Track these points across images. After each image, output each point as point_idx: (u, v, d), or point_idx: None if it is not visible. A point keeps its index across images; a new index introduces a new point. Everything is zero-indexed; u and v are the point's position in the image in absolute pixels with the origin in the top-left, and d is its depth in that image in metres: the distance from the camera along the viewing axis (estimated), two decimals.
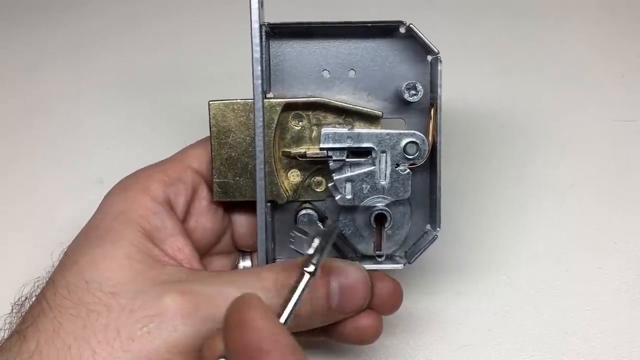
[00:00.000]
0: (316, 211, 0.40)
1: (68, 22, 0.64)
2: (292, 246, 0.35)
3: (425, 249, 0.39)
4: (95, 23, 0.64)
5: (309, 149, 0.40)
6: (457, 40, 0.59)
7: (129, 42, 0.62)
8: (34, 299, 0.36)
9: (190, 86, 0.59)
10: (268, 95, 0.39)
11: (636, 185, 0.52)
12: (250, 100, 0.38)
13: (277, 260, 0.41)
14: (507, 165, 0.54)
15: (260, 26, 0.37)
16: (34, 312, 0.34)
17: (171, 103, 0.58)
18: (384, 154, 0.39)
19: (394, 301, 0.39)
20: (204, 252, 0.41)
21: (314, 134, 0.40)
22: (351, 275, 0.37)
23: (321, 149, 0.39)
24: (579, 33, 0.60)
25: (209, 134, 0.40)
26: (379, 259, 0.40)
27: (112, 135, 0.57)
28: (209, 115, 0.39)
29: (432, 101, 0.39)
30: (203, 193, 0.41)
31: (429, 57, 0.39)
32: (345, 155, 0.39)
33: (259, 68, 0.37)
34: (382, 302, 0.38)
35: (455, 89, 0.41)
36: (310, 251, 0.32)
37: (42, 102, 0.60)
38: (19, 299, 0.38)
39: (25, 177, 0.56)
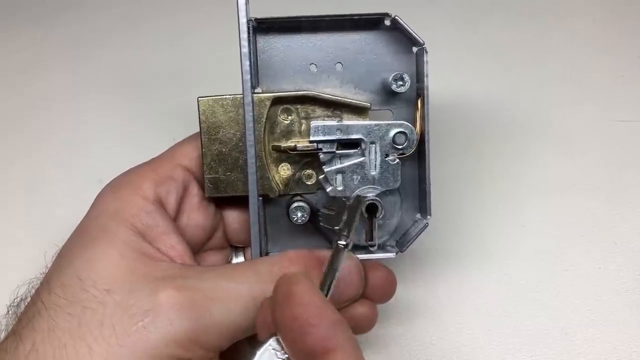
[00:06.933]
0: (308, 204, 0.40)
1: (67, 22, 0.63)
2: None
3: (417, 237, 0.40)
4: (94, 22, 0.63)
5: (298, 142, 0.40)
6: (457, 39, 0.59)
7: (128, 42, 0.61)
8: (29, 299, 0.36)
9: (190, 86, 0.58)
10: (257, 90, 0.39)
11: (636, 185, 0.52)
12: (239, 96, 0.39)
13: (270, 254, 0.41)
14: (508, 165, 0.54)
15: (247, 21, 0.37)
16: (30, 312, 0.34)
17: (171, 102, 0.57)
18: (374, 145, 0.39)
19: (388, 289, 0.39)
20: (197, 248, 0.41)
21: (303, 127, 0.40)
22: (344, 265, 0.37)
23: (311, 141, 0.39)
24: (579, 33, 0.60)
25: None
26: (371, 249, 0.40)
27: (111, 135, 0.57)
28: (199, 111, 0.39)
29: (418, 91, 0.40)
30: (194, 190, 0.41)
31: (415, 49, 0.40)
32: (335, 147, 0.39)
33: (247, 63, 0.37)
34: (376, 291, 0.39)
35: (455, 87, 0.41)
36: (341, 225, 0.33)
37: (41, 101, 0.59)
38: (14, 300, 0.38)
39: (24, 177, 0.56)
